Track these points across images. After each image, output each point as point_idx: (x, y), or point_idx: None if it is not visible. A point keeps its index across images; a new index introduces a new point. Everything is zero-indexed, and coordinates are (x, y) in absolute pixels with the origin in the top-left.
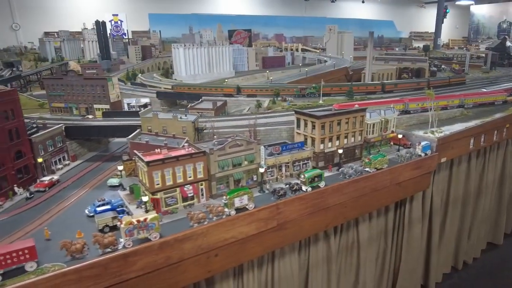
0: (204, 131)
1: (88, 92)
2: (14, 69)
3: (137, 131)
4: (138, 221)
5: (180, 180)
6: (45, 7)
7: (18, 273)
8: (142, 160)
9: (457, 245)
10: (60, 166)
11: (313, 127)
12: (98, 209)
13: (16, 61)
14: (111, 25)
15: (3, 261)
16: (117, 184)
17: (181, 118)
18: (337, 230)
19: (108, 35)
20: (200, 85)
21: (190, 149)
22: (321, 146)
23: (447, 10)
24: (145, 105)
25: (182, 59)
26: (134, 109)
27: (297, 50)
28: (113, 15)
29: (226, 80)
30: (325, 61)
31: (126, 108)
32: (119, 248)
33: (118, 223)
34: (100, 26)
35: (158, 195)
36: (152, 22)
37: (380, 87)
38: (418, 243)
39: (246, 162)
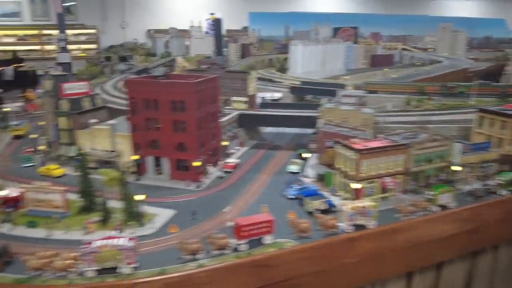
0: (376, 125)
1: (228, 84)
2: (127, 62)
3: (321, 121)
4: (363, 207)
5: (381, 172)
6: (148, 5)
7: (254, 244)
8: (351, 149)
9: None
10: (233, 151)
11: (503, 127)
12: (298, 192)
13: (129, 55)
14: (207, 23)
15: (249, 231)
16: (297, 171)
17: (362, 110)
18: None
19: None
20: (391, 83)
21: (384, 141)
22: (510, 148)
23: None
24: (277, 99)
25: (299, 56)
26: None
27: (395, 48)
28: (210, 13)
29: (347, 77)
30: (439, 62)
31: (260, 101)
32: (338, 232)
33: (342, 206)
34: (217, 24)
35: (362, 184)
36: (250, 21)
37: None
38: None
39: (438, 159)
